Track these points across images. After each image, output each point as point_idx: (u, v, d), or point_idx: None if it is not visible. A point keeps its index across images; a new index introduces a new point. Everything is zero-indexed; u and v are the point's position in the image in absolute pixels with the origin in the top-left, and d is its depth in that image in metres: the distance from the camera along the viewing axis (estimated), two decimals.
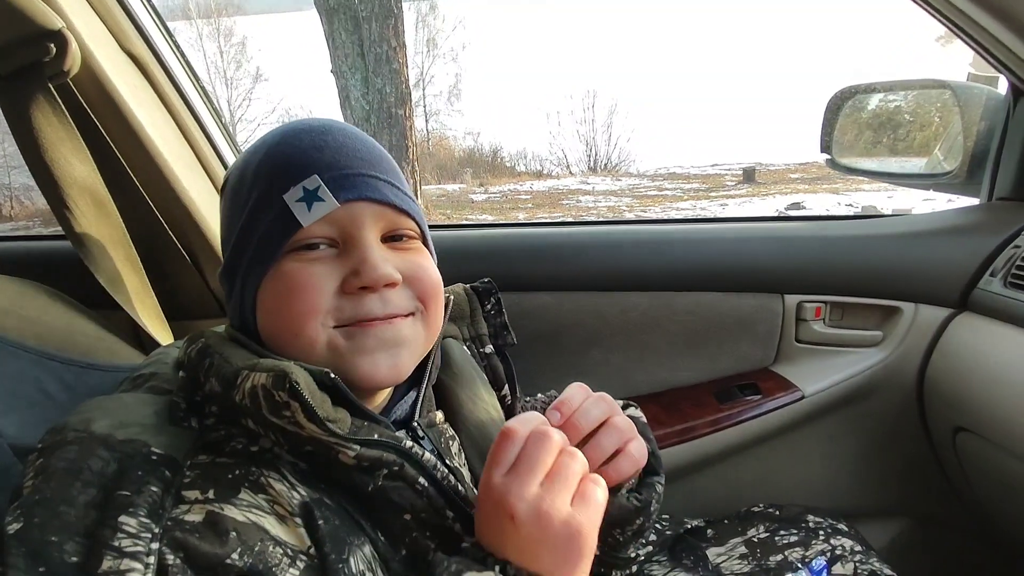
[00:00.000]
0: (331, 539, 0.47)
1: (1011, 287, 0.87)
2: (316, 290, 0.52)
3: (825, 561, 0.75)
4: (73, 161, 0.75)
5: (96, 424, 0.47)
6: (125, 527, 0.42)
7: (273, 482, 0.47)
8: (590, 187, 8.09)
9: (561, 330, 1.05)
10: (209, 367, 0.49)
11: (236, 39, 11.71)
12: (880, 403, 1.01)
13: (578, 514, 0.46)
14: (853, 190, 6.50)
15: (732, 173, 8.15)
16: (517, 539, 0.46)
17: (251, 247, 0.53)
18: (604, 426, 0.56)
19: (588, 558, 0.47)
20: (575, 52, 13.18)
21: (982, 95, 0.97)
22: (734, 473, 1.04)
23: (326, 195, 0.52)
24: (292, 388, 0.45)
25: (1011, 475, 0.84)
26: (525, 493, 0.46)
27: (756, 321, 1.02)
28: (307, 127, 0.56)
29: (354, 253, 0.53)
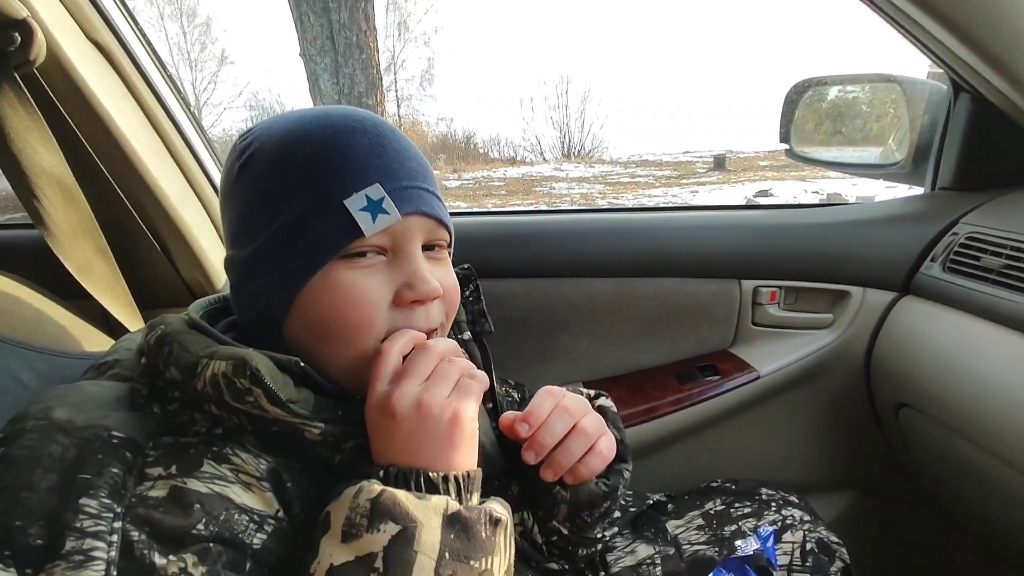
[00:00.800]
0: (300, 500, 0.48)
1: (949, 272, 0.92)
2: (373, 304, 0.52)
3: (773, 529, 0.79)
4: (40, 150, 0.75)
5: (56, 411, 0.47)
6: (87, 508, 0.43)
7: (238, 451, 0.48)
8: (563, 174, 8.12)
9: (530, 316, 1.08)
10: (168, 355, 0.50)
11: (200, 19, 11.40)
12: (830, 382, 1.07)
13: (455, 401, 0.48)
14: (819, 177, 6.65)
15: (703, 160, 8.27)
16: (400, 436, 0.48)
17: (293, 250, 0.52)
18: (573, 431, 0.60)
19: (469, 443, 0.49)
20: (549, 36, 13.14)
21: (925, 89, 1.03)
22: (694, 450, 1.09)
23: (391, 208, 0.51)
24: (253, 375, 0.46)
25: (948, 447, 0.91)
26: (405, 392, 0.48)
27: (715, 306, 1.07)
28: (359, 125, 0.54)
29: (405, 265, 0.53)
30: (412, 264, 0.53)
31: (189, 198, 0.97)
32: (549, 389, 0.62)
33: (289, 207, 0.51)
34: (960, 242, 0.92)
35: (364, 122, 0.54)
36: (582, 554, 0.72)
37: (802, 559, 0.79)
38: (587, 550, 0.72)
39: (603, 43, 13.06)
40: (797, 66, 2.71)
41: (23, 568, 0.41)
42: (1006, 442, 0.78)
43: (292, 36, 6.94)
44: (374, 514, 0.44)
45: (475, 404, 0.50)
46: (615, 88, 9.91)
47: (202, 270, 0.97)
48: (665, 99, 10.22)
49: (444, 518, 0.45)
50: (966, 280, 0.89)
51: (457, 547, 0.45)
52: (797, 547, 0.80)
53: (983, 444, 0.82)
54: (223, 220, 0.58)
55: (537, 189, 7.33)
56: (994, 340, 0.82)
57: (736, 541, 0.79)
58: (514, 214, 1.15)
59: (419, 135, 10.16)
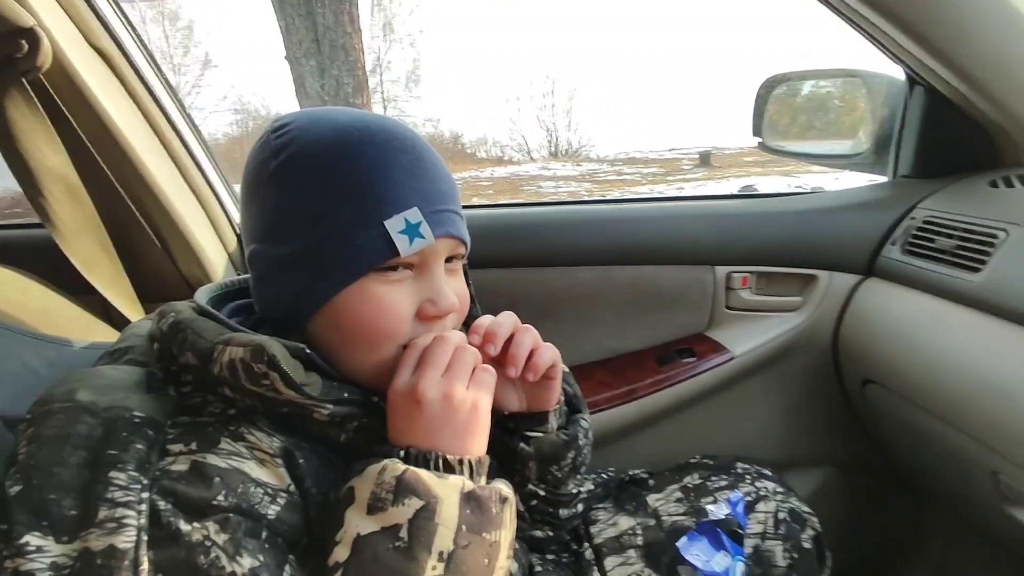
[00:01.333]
0: (312, 476, 0.52)
1: (907, 254, 0.98)
2: (400, 317, 0.56)
3: (742, 494, 0.85)
4: (47, 151, 0.80)
5: (79, 394, 0.50)
6: (116, 481, 0.46)
7: (253, 430, 0.52)
8: (551, 172, 8.17)
9: (515, 304, 1.11)
10: (183, 342, 0.53)
11: (183, 23, 11.33)
12: (801, 361, 1.12)
13: (473, 393, 0.54)
14: (803, 172, 6.74)
15: (689, 157, 8.33)
16: (423, 421, 0.53)
17: (335, 256, 0.54)
18: (517, 329, 0.64)
19: (483, 431, 0.55)
20: (534, 36, 13.19)
21: (884, 83, 1.08)
22: (674, 429, 1.14)
23: (427, 232, 0.55)
24: (271, 360, 0.50)
25: (910, 420, 0.96)
26: (429, 382, 0.53)
27: (690, 291, 1.12)
28: (400, 144, 0.57)
29: (430, 281, 0.57)
30: (436, 281, 0.58)
31: (187, 196, 1.01)
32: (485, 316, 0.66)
33: (331, 218, 0.54)
34: (917, 226, 0.98)
35: (404, 140, 0.57)
36: (563, 515, 0.76)
37: (775, 527, 0.83)
38: (567, 510, 0.76)
39: (589, 42, 13.14)
40: (778, 65, 2.76)
41: (60, 536, 0.45)
42: (959, 410, 0.84)
43: (277, 39, 6.94)
44: (399, 489, 0.49)
45: (490, 396, 0.56)
46: (601, 87, 9.97)
47: (200, 265, 1.01)
48: (651, 97, 10.31)
49: (461, 495, 0.51)
50: (923, 261, 0.95)
51: (472, 521, 0.51)
52: (770, 516, 0.84)
53: (941, 415, 0.88)
54: (249, 210, 0.59)
55: (525, 188, 7.38)
56: (947, 316, 0.88)
57: (708, 506, 0.84)
58: (497, 207, 1.20)
59: None
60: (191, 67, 10.92)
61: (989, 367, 0.80)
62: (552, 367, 0.65)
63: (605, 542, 0.85)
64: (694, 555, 0.77)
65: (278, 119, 0.60)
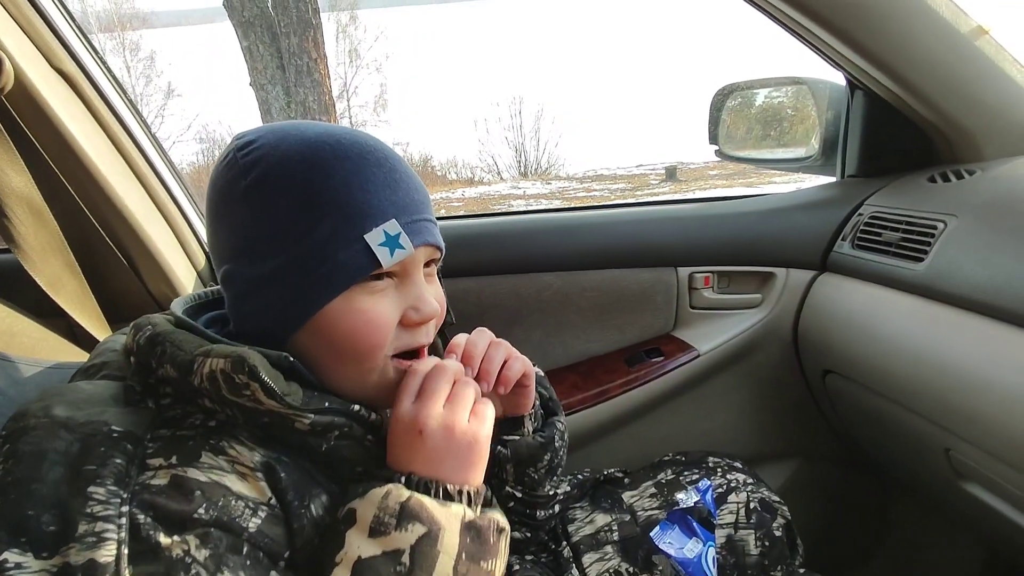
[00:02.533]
0: (293, 489, 0.52)
1: (857, 248, 1.03)
2: (386, 326, 0.57)
3: (710, 482, 0.87)
4: (9, 172, 0.79)
5: (56, 409, 0.50)
6: (95, 495, 0.46)
7: (234, 444, 0.52)
8: (521, 191, 8.24)
9: (485, 312, 1.15)
10: (162, 354, 0.52)
11: (144, 53, 11.22)
12: (764, 356, 1.16)
13: (475, 426, 0.56)
14: (766, 183, 6.92)
15: (656, 172, 8.48)
16: (424, 451, 0.54)
17: (317, 273, 0.55)
18: (491, 344, 0.66)
19: (482, 463, 0.57)
20: (499, 59, 13.38)
21: (827, 88, 1.14)
22: (646, 428, 1.17)
23: (406, 243, 0.56)
24: (251, 370, 0.50)
25: (868, 406, 1.00)
26: (432, 411, 0.55)
27: (655, 292, 1.16)
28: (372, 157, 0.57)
29: (411, 289, 0.59)
30: (417, 288, 0.59)
31: (154, 215, 1.01)
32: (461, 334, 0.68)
33: (311, 235, 0.54)
34: (865, 221, 1.03)
35: (377, 152, 0.58)
36: (541, 516, 0.77)
37: (747, 517, 0.86)
38: (544, 512, 0.78)
39: (553, 62, 13.37)
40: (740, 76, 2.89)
41: (39, 552, 0.44)
42: (911, 393, 0.88)
43: (241, 66, 6.93)
44: (403, 515, 0.51)
45: (489, 429, 0.58)
46: (568, 106, 10.13)
47: (168, 283, 1.01)
48: (617, 114, 10.50)
49: (463, 524, 0.53)
50: (871, 254, 0.99)
51: (472, 550, 0.52)
52: (741, 507, 0.87)
53: (895, 399, 0.92)
54: (218, 230, 0.59)
55: (495, 207, 7.44)
56: (894, 305, 0.93)
57: (677, 495, 0.86)
58: (464, 218, 1.22)
59: None
60: (154, 96, 10.79)
61: (935, 350, 0.84)
62: (524, 375, 0.68)
63: (582, 540, 0.86)
64: (667, 543, 0.79)
65: (242, 136, 0.59)
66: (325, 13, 8.40)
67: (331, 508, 0.55)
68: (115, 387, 0.55)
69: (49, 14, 0.87)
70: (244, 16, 6.49)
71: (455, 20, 18.10)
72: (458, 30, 16.56)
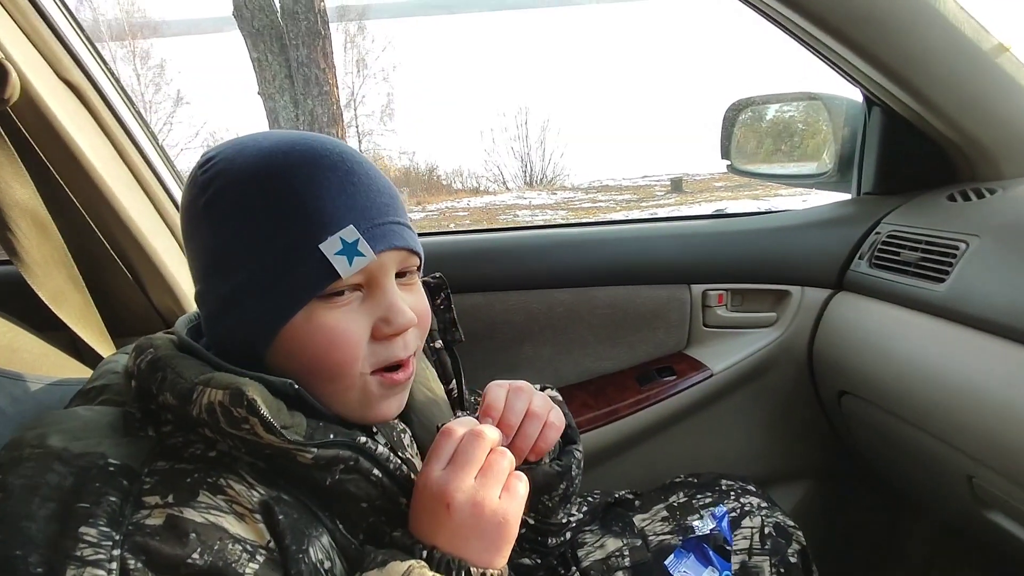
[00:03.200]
0: (291, 532, 0.50)
1: (875, 267, 1.01)
2: (353, 342, 0.53)
3: (726, 508, 0.85)
4: (14, 185, 0.78)
5: (51, 439, 0.48)
6: (86, 537, 0.44)
7: (232, 483, 0.49)
8: (526, 201, 8.24)
9: (495, 328, 1.14)
10: (162, 381, 0.50)
11: (154, 62, 11.31)
12: (778, 376, 1.14)
13: (505, 504, 0.53)
14: (772, 196, 6.91)
15: (661, 184, 8.48)
16: (451, 526, 0.51)
17: (272, 289, 0.52)
18: (526, 416, 0.64)
19: (509, 545, 0.53)
20: (506, 70, 13.45)
21: (843, 105, 1.13)
22: (657, 448, 1.15)
23: (366, 249, 0.52)
24: (250, 404, 0.47)
25: (885, 428, 0.98)
26: (462, 484, 0.52)
27: (668, 310, 1.14)
28: (327, 161, 0.54)
29: (381, 299, 0.55)
30: (387, 298, 0.55)
31: (159, 227, 1.00)
32: (496, 382, 0.66)
33: (264, 250, 0.52)
34: (883, 240, 1.01)
35: (332, 156, 0.54)
36: (552, 544, 0.76)
37: (761, 543, 0.84)
38: (556, 539, 0.76)
39: (559, 72, 13.43)
40: (748, 91, 2.87)
41: None
42: (931, 416, 0.86)
43: (250, 75, 6.98)
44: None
45: (521, 507, 0.54)
46: (574, 116, 10.16)
47: (173, 297, 1.00)
48: (623, 125, 10.52)
49: None
50: (889, 273, 0.97)
51: None
52: (756, 531, 0.85)
53: (913, 421, 0.89)
54: (189, 250, 0.58)
55: (501, 218, 7.43)
56: (914, 326, 0.91)
57: (693, 521, 0.83)
58: (474, 232, 1.21)
59: (381, 169, 10.16)
60: (163, 104, 10.87)
61: (957, 373, 0.82)
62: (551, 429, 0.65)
63: (592, 565, 0.84)
64: (682, 572, 0.76)
65: (205, 153, 0.58)
66: (334, 23, 8.46)
67: (331, 551, 0.53)
68: (114, 414, 0.53)
69: (56, 23, 0.87)
70: (254, 26, 6.54)
71: (462, 31, 18.24)
72: (465, 41, 16.67)
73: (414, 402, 0.68)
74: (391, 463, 0.56)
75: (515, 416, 0.62)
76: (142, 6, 11.75)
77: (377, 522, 0.56)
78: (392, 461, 0.57)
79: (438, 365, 0.76)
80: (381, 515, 0.56)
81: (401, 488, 0.56)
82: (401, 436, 0.66)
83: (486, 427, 0.56)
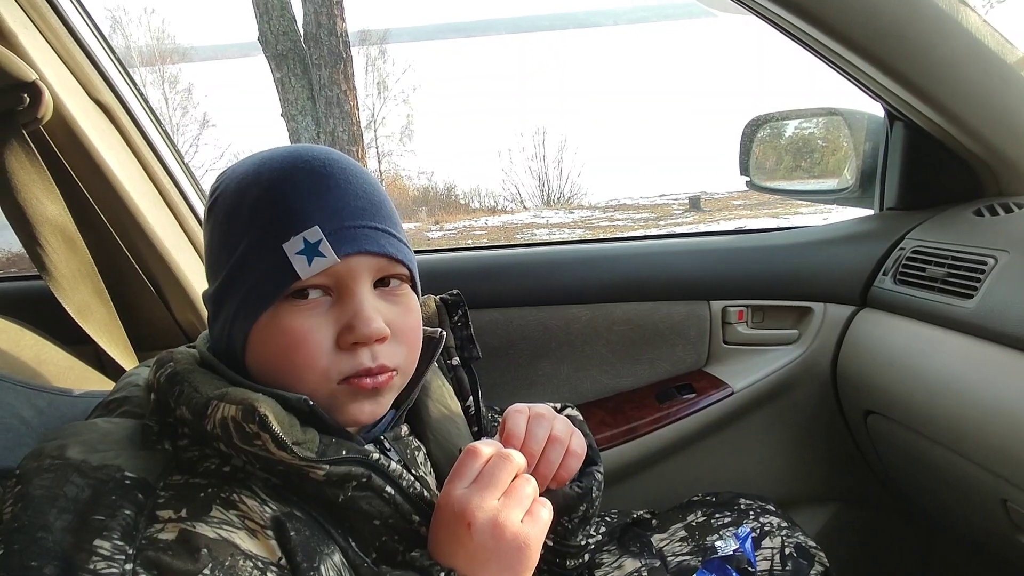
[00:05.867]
0: (303, 549, 0.49)
1: (900, 283, 0.99)
2: (315, 347, 0.53)
3: (750, 528, 0.83)
4: (44, 201, 0.80)
5: (70, 451, 0.49)
6: (100, 550, 0.44)
7: (245, 498, 0.49)
8: (544, 220, 8.26)
9: (512, 345, 1.13)
10: (179, 395, 0.51)
11: (182, 86, 11.61)
12: (801, 394, 1.12)
13: (528, 529, 0.51)
14: (792, 213, 6.84)
15: (679, 202, 8.45)
16: (470, 547, 0.50)
17: (243, 289, 0.53)
18: (548, 442, 0.62)
19: (529, 571, 0.52)
20: (523, 90, 13.58)
21: (864, 119, 1.12)
22: (675, 468, 1.13)
23: (327, 250, 0.52)
24: (261, 420, 0.48)
25: (913, 448, 0.95)
26: (485, 504, 0.51)
27: (687, 327, 1.12)
28: (307, 165, 0.55)
29: (348, 305, 0.54)
30: (354, 304, 0.53)
31: (183, 244, 1.02)
32: (516, 407, 0.64)
33: (237, 250, 0.53)
34: (907, 256, 0.99)
35: (313, 161, 0.55)
36: (570, 566, 0.74)
37: (782, 564, 0.81)
38: (574, 561, 0.74)
39: (577, 92, 13.52)
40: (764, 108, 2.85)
41: None
42: (962, 437, 0.83)
43: (273, 97, 7.13)
44: None
45: (543, 533, 0.53)
46: (591, 135, 10.19)
47: (196, 312, 1.01)
48: (640, 144, 10.54)
49: None
50: (915, 290, 0.96)
51: None
52: (776, 552, 0.82)
53: (943, 442, 0.87)
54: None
55: (518, 236, 7.45)
56: (941, 343, 0.89)
57: (716, 542, 0.82)
58: (491, 248, 1.21)
59: (400, 189, 10.31)
60: (189, 127, 11.13)
61: (988, 392, 0.80)
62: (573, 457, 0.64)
63: None
64: None
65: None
66: (355, 47, 8.63)
67: (343, 569, 0.52)
68: (132, 426, 0.54)
69: (89, 45, 0.89)
70: (277, 49, 6.70)
71: (480, 53, 18.50)
72: (483, 63, 16.90)
73: (430, 419, 0.68)
74: (404, 480, 0.56)
75: (536, 444, 0.61)
76: (171, 33, 12.10)
77: (389, 540, 0.55)
78: (405, 478, 0.56)
79: (455, 382, 0.76)
80: (394, 534, 0.55)
81: (414, 506, 0.56)
82: (415, 453, 0.65)
83: (512, 451, 0.55)
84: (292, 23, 6.69)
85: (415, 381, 0.64)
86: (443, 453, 0.67)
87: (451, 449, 0.67)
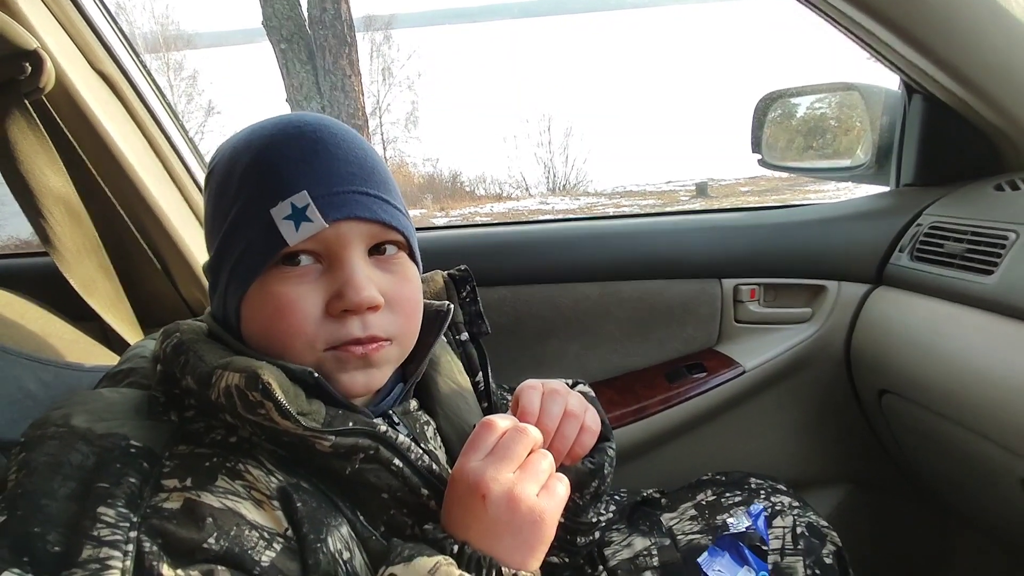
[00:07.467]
0: (309, 520, 0.49)
1: (916, 260, 0.97)
2: (302, 314, 0.52)
3: (762, 506, 0.82)
4: (48, 173, 0.79)
5: (76, 419, 0.48)
6: (104, 517, 0.44)
7: (251, 468, 0.49)
8: (549, 207, 8.23)
9: (520, 323, 1.12)
10: (184, 364, 0.50)
11: (187, 73, 11.57)
12: (814, 373, 1.10)
13: (544, 503, 0.50)
14: (800, 198, 6.80)
15: (686, 189, 8.39)
16: (484, 519, 0.49)
17: (233, 257, 0.53)
18: (563, 417, 0.61)
19: (544, 546, 0.51)
20: (528, 76, 13.48)
21: (881, 94, 1.09)
22: (686, 447, 1.11)
23: (314, 215, 0.51)
24: (264, 388, 0.47)
25: (930, 429, 0.94)
26: (500, 476, 0.49)
27: (698, 305, 1.11)
28: (298, 131, 0.54)
29: (339, 273, 0.53)
30: (345, 271, 0.53)
31: (188, 218, 1.01)
32: (530, 383, 0.63)
33: (228, 217, 0.53)
34: (925, 232, 0.97)
35: (304, 127, 0.54)
36: (580, 543, 0.73)
37: (793, 543, 0.81)
38: (584, 538, 0.73)
39: (583, 78, 13.42)
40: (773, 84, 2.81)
41: (41, 573, 0.42)
42: (980, 416, 0.82)
43: (278, 84, 7.11)
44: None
45: (560, 509, 0.52)
46: (597, 122, 10.13)
47: (201, 288, 1.00)
48: (646, 130, 10.46)
49: None
50: (933, 266, 0.93)
51: None
52: (788, 531, 0.82)
53: (961, 421, 0.85)
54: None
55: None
56: (960, 320, 0.87)
57: (727, 519, 0.81)
58: (500, 225, 1.20)
59: (405, 176, 10.28)
60: (195, 114, 11.11)
61: (1009, 370, 0.78)
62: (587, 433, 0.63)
63: (620, 564, 0.82)
64: (716, 571, 0.74)
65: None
66: (360, 32, 8.58)
67: (350, 541, 0.51)
68: (139, 396, 0.53)
69: (91, 15, 0.88)
70: (282, 35, 6.66)
71: (485, 39, 18.36)
72: (488, 49, 16.78)
73: (439, 394, 0.67)
74: (412, 453, 0.55)
75: (551, 420, 0.60)
76: (176, 19, 12.05)
77: (398, 514, 0.55)
78: (414, 451, 0.55)
79: (464, 357, 0.75)
80: (402, 507, 0.55)
81: (423, 480, 0.55)
82: (425, 428, 0.64)
83: (528, 426, 0.54)
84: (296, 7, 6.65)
85: (422, 354, 0.63)
86: (453, 428, 0.66)
87: (461, 424, 0.66)
